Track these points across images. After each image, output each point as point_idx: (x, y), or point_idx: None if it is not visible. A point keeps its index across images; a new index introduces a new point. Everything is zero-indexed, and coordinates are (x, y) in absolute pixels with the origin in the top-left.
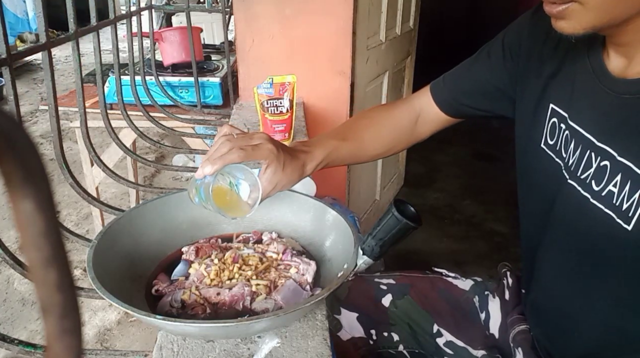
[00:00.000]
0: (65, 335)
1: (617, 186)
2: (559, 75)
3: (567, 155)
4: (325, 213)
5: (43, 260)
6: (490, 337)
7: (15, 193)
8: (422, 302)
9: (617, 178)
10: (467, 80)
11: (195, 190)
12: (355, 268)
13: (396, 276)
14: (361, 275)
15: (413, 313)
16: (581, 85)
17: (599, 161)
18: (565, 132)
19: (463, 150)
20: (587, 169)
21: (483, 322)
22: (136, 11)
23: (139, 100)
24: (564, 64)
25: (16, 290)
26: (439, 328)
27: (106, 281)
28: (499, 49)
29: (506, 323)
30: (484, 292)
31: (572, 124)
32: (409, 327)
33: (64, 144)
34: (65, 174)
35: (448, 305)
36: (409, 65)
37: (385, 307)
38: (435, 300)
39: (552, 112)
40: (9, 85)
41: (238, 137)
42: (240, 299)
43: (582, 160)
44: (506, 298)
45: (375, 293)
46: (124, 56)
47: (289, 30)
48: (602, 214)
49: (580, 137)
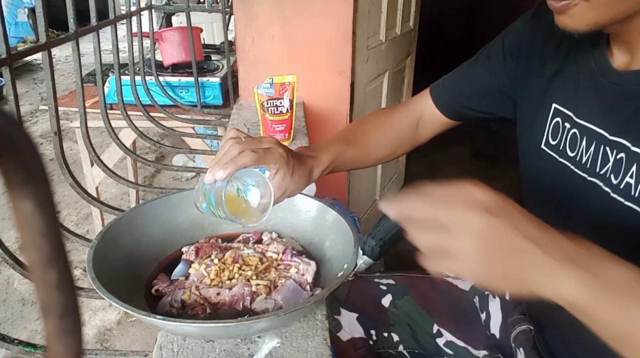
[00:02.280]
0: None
1: (634, 177)
2: (562, 75)
3: (578, 153)
4: (325, 213)
5: (43, 260)
6: (491, 337)
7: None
8: (422, 302)
9: (633, 168)
10: (467, 82)
11: (203, 196)
12: (355, 268)
13: (396, 276)
14: (361, 276)
15: (413, 313)
16: (585, 83)
17: (615, 154)
18: (571, 130)
19: (463, 150)
20: (605, 164)
21: (484, 322)
22: (136, 11)
23: (139, 100)
24: (566, 64)
25: (16, 290)
26: (439, 328)
27: (106, 281)
28: (498, 50)
29: (507, 323)
30: (484, 292)
31: (581, 122)
32: (409, 327)
33: (64, 144)
34: (65, 174)
35: (448, 305)
36: (409, 65)
37: (385, 307)
38: (436, 300)
39: (555, 112)
40: (9, 85)
41: (247, 140)
42: (240, 299)
43: (598, 155)
44: (506, 298)
45: (375, 294)
46: (124, 56)
47: (289, 30)
48: (623, 208)
49: (591, 133)
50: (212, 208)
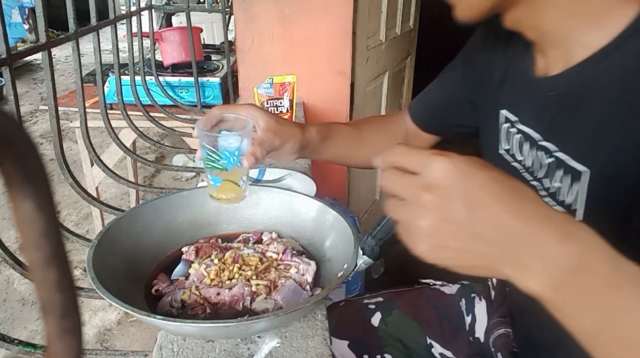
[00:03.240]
0: (65, 335)
1: (561, 181)
2: (507, 81)
3: (523, 157)
4: (325, 213)
5: (43, 260)
6: (475, 342)
7: (15, 193)
8: (411, 311)
9: (560, 173)
10: (437, 94)
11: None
12: (355, 268)
13: (384, 294)
14: (349, 300)
15: (403, 326)
16: (522, 88)
17: (547, 158)
18: (516, 135)
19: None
20: (540, 168)
21: (468, 326)
22: (136, 11)
23: (139, 100)
24: (509, 70)
25: (16, 290)
26: (430, 341)
27: (106, 281)
28: (460, 62)
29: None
30: (471, 294)
31: (522, 127)
32: (401, 343)
33: (64, 144)
34: (65, 174)
35: (436, 312)
36: (409, 65)
37: (375, 327)
38: (424, 307)
39: (504, 118)
40: (9, 85)
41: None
42: (240, 299)
43: (537, 159)
44: (492, 299)
45: (364, 315)
46: (124, 56)
47: (289, 30)
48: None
49: (529, 138)
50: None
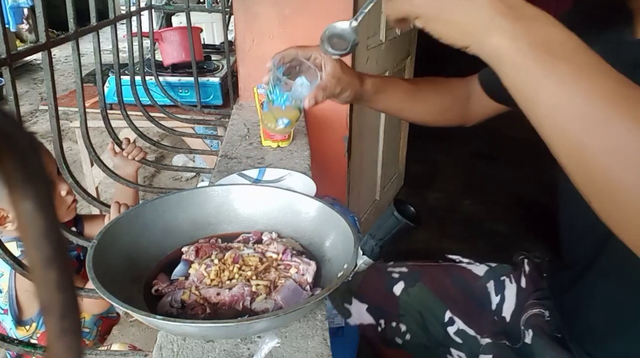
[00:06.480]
0: (65, 335)
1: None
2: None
3: None
4: (325, 214)
5: (43, 260)
6: (500, 321)
7: (15, 193)
8: (435, 288)
9: None
10: None
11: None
12: (355, 268)
13: (408, 265)
14: (374, 265)
15: (425, 300)
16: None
17: None
18: None
19: (463, 150)
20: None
21: (496, 305)
22: (136, 11)
23: (138, 100)
24: (599, 38)
25: None
26: (451, 315)
27: (106, 281)
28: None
29: (521, 308)
30: (500, 276)
31: None
32: (419, 315)
33: (64, 143)
34: (65, 174)
35: (461, 291)
36: (409, 65)
37: (397, 296)
38: (449, 286)
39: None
40: (9, 85)
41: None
42: (240, 299)
43: None
44: (522, 286)
45: (387, 284)
46: (124, 56)
47: (289, 30)
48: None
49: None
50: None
